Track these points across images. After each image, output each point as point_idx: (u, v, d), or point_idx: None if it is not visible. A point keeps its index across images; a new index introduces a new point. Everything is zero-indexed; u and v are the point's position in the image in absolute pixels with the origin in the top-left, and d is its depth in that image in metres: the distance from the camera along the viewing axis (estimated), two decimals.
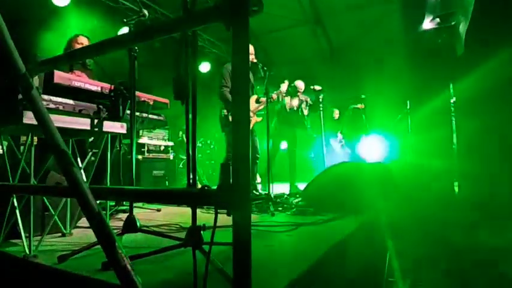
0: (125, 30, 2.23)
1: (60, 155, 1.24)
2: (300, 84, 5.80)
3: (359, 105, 8.03)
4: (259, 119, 4.47)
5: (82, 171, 2.31)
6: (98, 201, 1.15)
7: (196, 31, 1.29)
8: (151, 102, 3.24)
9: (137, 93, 3.02)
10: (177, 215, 2.93)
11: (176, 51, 1.08)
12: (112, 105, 2.75)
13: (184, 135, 6.58)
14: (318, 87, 5.57)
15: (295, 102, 5.72)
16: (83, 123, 1.99)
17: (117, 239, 1.84)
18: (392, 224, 4.25)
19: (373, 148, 8.69)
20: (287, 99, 5.62)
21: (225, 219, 1.01)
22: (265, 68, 3.91)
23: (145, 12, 2.18)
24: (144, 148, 4.90)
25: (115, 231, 1.95)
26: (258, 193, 4.38)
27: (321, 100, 5.60)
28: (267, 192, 3.44)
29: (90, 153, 2.39)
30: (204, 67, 9.07)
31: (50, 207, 2.25)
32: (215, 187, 0.96)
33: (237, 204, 0.89)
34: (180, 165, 6.33)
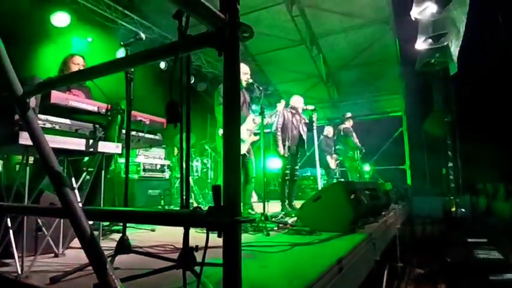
0: (122, 52, 2.28)
1: (54, 176, 1.25)
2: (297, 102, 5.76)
3: (346, 124, 8.05)
4: (256, 137, 4.48)
5: (76, 190, 2.31)
6: (91, 222, 1.15)
7: (190, 55, 1.32)
8: (147, 122, 3.27)
9: (134, 112, 3.05)
10: (172, 235, 2.90)
11: (170, 75, 1.11)
12: (108, 125, 2.78)
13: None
14: (310, 107, 5.62)
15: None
16: (78, 144, 2.01)
17: (110, 260, 1.84)
18: (390, 241, 4.24)
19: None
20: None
21: (220, 238, 1.02)
22: (260, 88, 3.96)
23: (142, 35, 2.23)
24: (140, 167, 4.89)
25: (108, 252, 1.95)
26: (253, 212, 4.36)
27: (314, 119, 5.64)
28: (262, 212, 3.42)
29: (85, 173, 2.39)
30: (201, 86, 9.18)
31: (43, 228, 2.24)
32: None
33: (227, 226, 0.90)
34: (177, 184, 6.31)
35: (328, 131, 8.60)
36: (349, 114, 8.21)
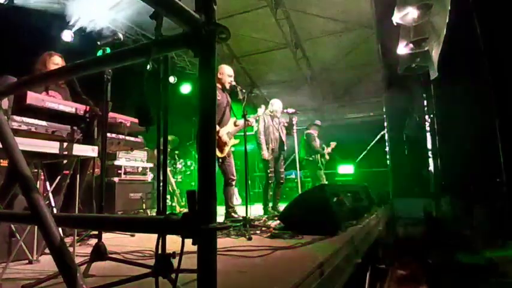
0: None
1: (23, 182, 1.20)
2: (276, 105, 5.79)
3: (311, 130, 8.02)
4: (237, 141, 4.47)
5: (50, 194, 2.24)
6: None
7: (168, 56, 1.29)
8: (128, 124, 3.20)
9: (114, 114, 2.99)
10: (152, 240, 2.84)
11: (142, 77, 1.08)
12: (87, 127, 2.71)
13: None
14: (291, 110, 5.65)
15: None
16: (52, 147, 1.94)
17: (85, 267, 1.78)
18: (372, 243, 4.27)
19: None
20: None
21: None
22: (243, 91, 3.95)
23: (120, 35, 2.18)
24: (121, 170, 4.78)
25: (84, 258, 1.89)
26: (236, 215, 4.33)
27: (294, 123, 5.67)
28: (244, 216, 3.40)
29: (60, 177, 2.32)
30: (185, 88, 9.10)
31: (17, 233, 2.16)
32: None
33: (201, 233, 0.87)
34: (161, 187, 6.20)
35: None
36: (318, 122, 8.20)
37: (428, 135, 9.64)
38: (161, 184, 1.30)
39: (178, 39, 1.03)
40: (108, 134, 2.63)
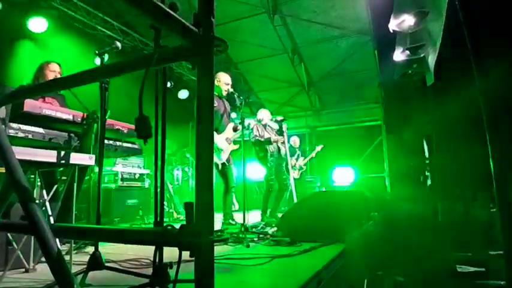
0: (97, 61, 2.23)
1: (20, 192, 1.19)
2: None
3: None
4: (236, 146, 4.46)
5: (47, 202, 2.23)
6: None
7: (166, 68, 1.30)
8: (125, 131, 3.20)
9: (111, 121, 2.98)
10: (148, 248, 2.83)
11: (140, 89, 1.08)
12: (84, 134, 2.71)
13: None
14: (280, 118, 5.66)
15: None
16: (49, 156, 1.93)
17: (82, 276, 1.77)
18: (370, 251, 4.26)
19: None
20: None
21: None
22: (241, 97, 3.96)
23: (118, 44, 2.18)
24: (118, 176, 4.77)
25: (80, 267, 1.88)
26: (234, 222, 4.32)
27: (284, 130, 5.67)
28: (242, 223, 3.39)
29: (56, 186, 2.31)
30: (183, 93, 9.12)
31: (14, 241, 2.15)
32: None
33: (199, 245, 0.88)
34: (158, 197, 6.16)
35: (294, 140, 8.51)
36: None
37: (425, 140, 9.67)
38: (158, 194, 1.29)
39: (176, 52, 1.04)
40: (106, 141, 2.62)
